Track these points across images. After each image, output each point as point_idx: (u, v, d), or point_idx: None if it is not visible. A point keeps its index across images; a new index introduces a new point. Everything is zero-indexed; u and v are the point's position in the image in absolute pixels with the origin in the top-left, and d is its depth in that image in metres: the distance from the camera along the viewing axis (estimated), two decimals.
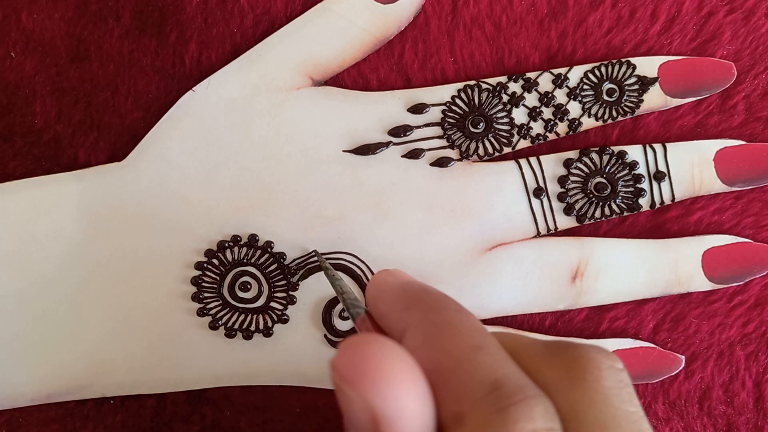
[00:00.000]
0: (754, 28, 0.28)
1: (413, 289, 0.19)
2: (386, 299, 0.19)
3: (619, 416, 0.15)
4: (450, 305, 0.18)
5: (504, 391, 0.15)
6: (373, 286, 0.20)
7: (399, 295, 0.19)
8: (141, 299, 0.26)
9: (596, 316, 0.28)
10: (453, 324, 0.17)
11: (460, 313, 0.17)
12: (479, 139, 0.27)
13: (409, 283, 0.19)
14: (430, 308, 0.18)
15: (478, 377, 0.15)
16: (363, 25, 0.27)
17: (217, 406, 0.28)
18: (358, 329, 0.20)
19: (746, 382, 0.28)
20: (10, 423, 0.27)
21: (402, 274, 0.20)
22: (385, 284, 0.20)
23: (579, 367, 0.16)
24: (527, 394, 0.15)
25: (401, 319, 0.18)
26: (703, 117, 0.28)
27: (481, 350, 0.16)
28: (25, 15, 0.28)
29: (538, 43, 0.28)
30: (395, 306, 0.18)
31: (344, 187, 0.27)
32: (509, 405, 0.15)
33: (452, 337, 0.16)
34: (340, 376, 0.15)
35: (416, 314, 0.17)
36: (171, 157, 0.27)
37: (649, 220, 0.28)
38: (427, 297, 0.18)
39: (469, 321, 0.17)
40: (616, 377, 0.16)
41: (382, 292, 0.19)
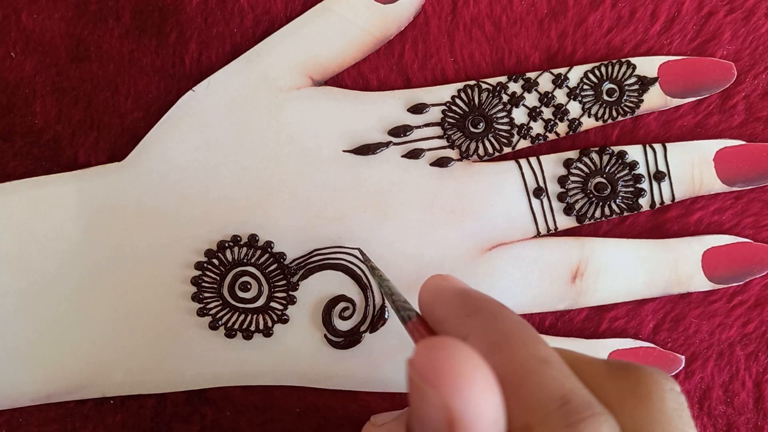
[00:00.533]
0: (754, 28, 0.28)
1: (472, 296, 0.19)
2: (444, 304, 0.19)
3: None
4: (511, 315, 0.18)
5: (572, 407, 0.15)
6: (428, 290, 0.20)
7: (457, 301, 0.19)
8: (141, 299, 0.26)
9: (596, 316, 0.28)
10: (516, 334, 0.17)
11: (522, 323, 0.17)
12: (479, 139, 0.27)
13: (467, 290, 0.19)
14: (492, 316, 0.18)
15: (546, 390, 0.15)
16: (363, 25, 0.27)
17: (217, 406, 0.28)
18: (410, 333, 0.20)
19: (746, 382, 0.28)
20: (10, 423, 0.27)
21: (456, 280, 0.21)
22: (441, 289, 0.20)
23: (644, 387, 0.16)
24: (595, 411, 0.15)
25: (462, 325, 0.18)
26: (703, 117, 0.28)
27: (547, 363, 0.16)
28: (25, 15, 0.28)
29: (538, 43, 0.28)
30: (454, 312, 0.18)
31: (344, 187, 0.27)
32: (579, 421, 0.15)
33: (518, 347, 0.16)
34: (420, 375, 0.15)
35: (478, 322, 0.18)
36: (171, 157, 0.27)
37: (649, 220, 0.28)
38: (487, 305, 0.18)
39: (532, 332, 0.17)
40: (677, 400, 0.17)
41: (439, 296, 0.20)
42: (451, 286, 0.20)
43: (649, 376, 0.17)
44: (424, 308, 0.20)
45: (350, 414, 0.28)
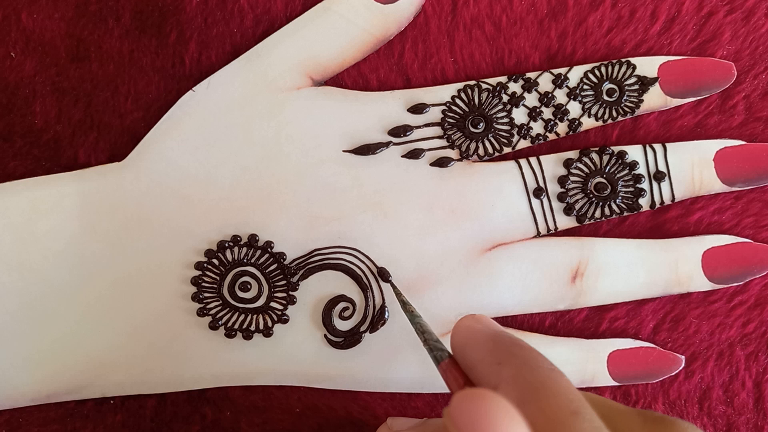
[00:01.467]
0: (754, 28, 0.28)
1: (505, 342, 0.19)
2: (476, 348, 0.19)
3: None
4: (543, 363, 0.18)
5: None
6: (461, 332, 0.20)
7: (490, 346, 0.19)
8: (141, 299, 0.26)
9: (596, 316, 0.28)
10: (548, 384, 0.17)
11: (554, 372, 0.17)
12: (479, 139, 0.27)
13: (499, 335, 0.20)
14: (524, 364, 0.18)
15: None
16: (363, 25, 0.27)
17: (217, 406, 0.28)
18: (441, 374, 0.20)
19: (746, 382, 0.28)
20: (10, 423, 0.27)
21: (489, 322, 0.21)
22: (474, 332, 0.20)
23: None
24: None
25: (493, 372, 0.18)
26: (703, 117, 0.28)
27: (578, 415, 0.16)
28: (25, 15, 0.28)
29: (538, 43, 0.28)
30: (486, 358, 0.19)
31: (344, 187, 0.27)
32: None
33: (549, 398, 0.16)
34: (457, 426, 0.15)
35: (510, 370, 0.18)
36: (171, 157, 0.27)
37: (649, 220, 0.28)
38: (520, 352, 0.18)
39: (563, 381, 0.17)
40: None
41: (471, 339, 0.20)
42: (484, 329, 0.20)
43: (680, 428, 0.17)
44: (457, 351, 0.20)
45: (350, 414, 0.28)
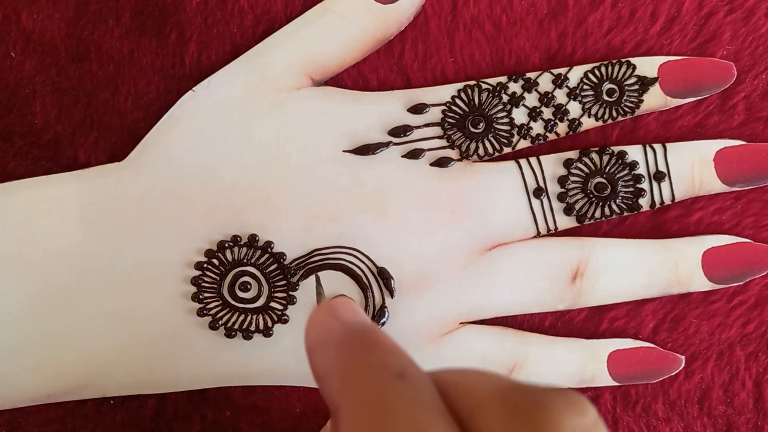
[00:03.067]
0: (754, 28, 0.28)
1: (352, 345, 0.16)
2: (322, 356, 0.17)
3: None
4: (390, 368, 0.15)
5: None
6: (311, 331, 0.17)
7: (335, 353, 0.16)
8: (141, 299, 0.26)
9: (596, 316, 0.28)
10: (389, 403, 0.14)
11: (401, 380, 0.15)
12: (479, 139, 0.27)
13: (347, 335, 0.16)
14: (366, 379, 0.15)
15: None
16: (363, 25, 0.27)
17: (217, 406, 0.28)
18: None
19: (746, 382, 0.28)
20: (10, 423, 0.27)
21: (349, 312, 0.17)
22: (324, 331, 0.17)
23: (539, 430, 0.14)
24: None
25: (337, 392, 0.15)
26: (703, 117, 0.28)
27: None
28: (25, 15, 0.28)
29: (538, 43, 0.28)
30: (331, 372, 0.16)
31: (344, 187, 0.27)
32: None
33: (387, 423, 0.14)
34: None
35: (350, 389, 0.15)
36: (171, 157, 0.27)
37: (649, 220, 0.28)
38: (365, 359, 0.16)
39: (411, 392, 0.14)
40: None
41: (319, 343, 0.17)
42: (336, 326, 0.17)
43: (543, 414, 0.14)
44: (308, 356, 0.17)
45: None
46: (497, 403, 0.14)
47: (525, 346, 0.28)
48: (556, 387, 0.14)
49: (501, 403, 0.14)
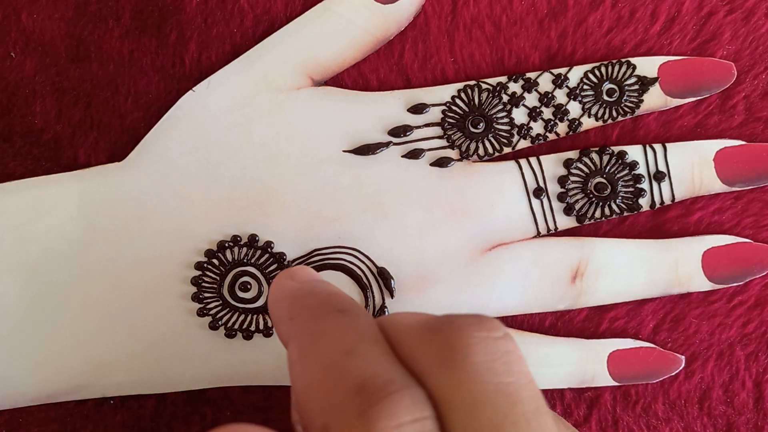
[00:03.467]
0: (754, 28, 0.28)
1: (300, 294, 0.18)
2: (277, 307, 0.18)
3: (491, 391, 0.15)
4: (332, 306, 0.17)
5: (367, 392, 0.14)
6: (270, 293, 0.19)
7: (287, 302, 0.18)
8: (141, 299, 0.26)
9: (596, 316, 0.28)
10: (326, 330, 0.16)
11: (341, 314, 0.17)
12: (479, 139, 0.27)
13: (299, 287, 0.18)
14: (310, 315, 0.17)
15: (344, 384, 0.15)
16: (363, 25, 0.27)
17: (217, 406, 0.28)
18: None
19: (746, 382, 0.28)
20: (10, 423, 0.27)
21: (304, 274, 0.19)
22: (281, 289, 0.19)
23: (448, 346, 0.15)
24: (391, 390, 0.14)
25: (286, 331, 0.17)
26: (703, 117, 0.28)
27: (352, 353, 0.15)
28: (25, 15, 0.28)
29: (538, 43, 0.28)
30: (283, 316, 0.18)
31: (344, 187, 0.27)
32: (371, 405, 0.14)
33: (323, 345, 0.16)
34: None
35: (296, 324, 0.17)
36: (171, 157, 0.27)
37: (649, 220, 0.28)
38: (310, 301, 0.17)
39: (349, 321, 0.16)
40: (488, 349, 0.15)
41: (276, 300, 0.19)
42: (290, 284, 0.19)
43: (455, 331, 0.15)
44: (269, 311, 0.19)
45: None
46: (419, 327, 0.16)
47: (525, 345, 0.28)
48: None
49: (422, 327, 0.16)
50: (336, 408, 0.14)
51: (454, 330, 0.15)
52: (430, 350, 0.15)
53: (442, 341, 0.15)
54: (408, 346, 0.16)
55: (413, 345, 0.16)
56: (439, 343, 0.15)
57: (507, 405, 0.14)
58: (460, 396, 0.15)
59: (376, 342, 0.16)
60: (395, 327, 0.17)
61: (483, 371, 0.15)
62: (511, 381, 0.15)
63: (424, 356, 0.15)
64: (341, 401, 0.14)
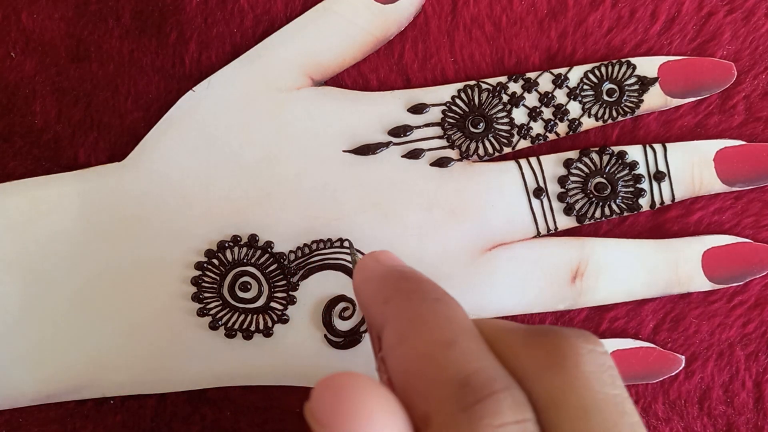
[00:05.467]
0: (754, 28, 0.28)
1: (392, 278, 0.18)
2: (367, 289, 0.19)
3: (601, 399, 0.15)
4: (428, 294, 0.17)
5: (471, 388, 0.15)
6: (357, 273, 0.19)
7: (379, 284, 0.18)
8: (141, 299, 0.26)
9: (596, 316, 0.28)
10: (426, 318, 0.16)
11: (438, 302, 0.17)
12: (479, 139, 0.27)
13: (390, 270, 0.19)
14: (406, 300, 0.17)
15: (446, 375, 0.15)
16: (363, 25, 0.27)
17: (217, 406, 0.28)
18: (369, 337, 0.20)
19: (746, 382, 0.28)
20: (10, 423, 0.27)
21: (388, 258, 0.20)
22: (369, 271, 0.19)
23: (558, 353, 0.16)
24: (495, 388, 0.15)
25: (380, 314, 0.17)
26: (703, 117, 0.28)
27: (453, 345, 0.16)
28: (25, 15, 0.28)
29: (538, 43, 0.28)
30: (376, 297, 0.18)
31: (344, 187, 0.27)
32: (476, 402, 0.14)
33: (423, 333, 0.16)
34: (318, 423, 0.15)
35: (393, 308, 0.17)
36: (171, 157, 0.27)
37: (649, 220, 0.28)
38: (405, 286, 0.18)
39: (446, 311, 0.17)
40: (596, 361, 0.16)
41: (365, 281, 0.19)
42: (378, 267, 0.19)
43: (564, 340, 0.16)
44: (356, 295, 0.19)
45: None
46: (523, 332, 0.17)
47: None
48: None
49: (526, 332, 0.17)
50: (438, 399, 0.15)
51: (563, 339, 0.16)
52: (537, 355, 0.16)
53: (551, 348, 0.16)
54: (509, 348, 0.16)
55: (516, 347, 0.16)
56: (547, 349, 0.16)
57: (616, 414, 0.15)
58: (571, 401, 0.15)
59: (475, 336, 0.16)
60: (492, 327, 0.17)
61: (593, 380, 0.15)
62: (618, 393, 0.16)
63: (530, 360, 0.16)
64: (444, 393, 0.15)
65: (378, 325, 0.17)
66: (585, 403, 0.15)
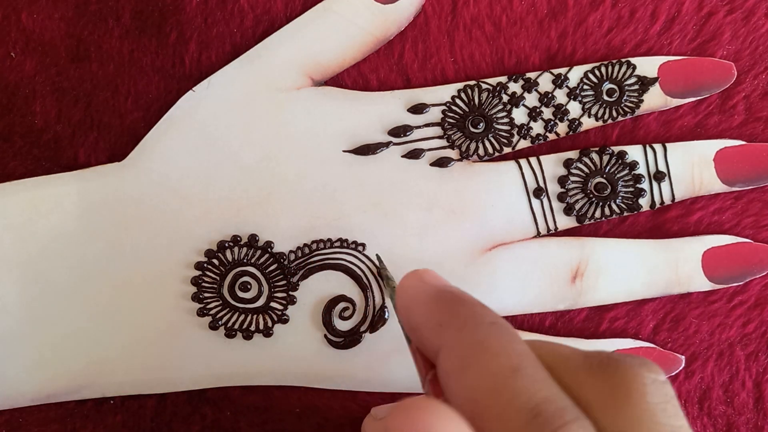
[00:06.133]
0: (754, 28, 0.28)
1: (445, 300, 0.18)
2: (418, 311, 0.18)
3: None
4: (484, 318, 0.17)
5: (544, 418, 0.15)
6: (404, 293, 0.19)
7: (431, 306, 0.18)
8: (141, 299, 0.26)
9: (596, 316, 0.28)
10: (488, 344, 0.16)
11: (494, 326, 0.17)
12: (479, 139, 0.27)
13: (441, 292, 0.19)
14: (464, 325, 0.17)
15: (517, 404, 0.15)
16: (363, 25, 0.27)
17: (217, 406, 0.28)
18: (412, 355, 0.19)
19: (746, 382, 0.28)
20: (10, 423, 0.27)
21: (433, 278, 0.20)
22: (417, 292, 0.19)
23: (624, 385, 0.16)
24: (567, 419, 0.15)
25: (435, 336, 0.17)
26: (703, 117, 0.28)
27: (519, 372, 0.16)
28: (25, 15, 0.28)
29: (538, 43, 0.28)
30: (428, 321, 0.18)
31: (344, 187, 0.27)
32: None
33: (488, 360, 0.16)
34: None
35: (450, 332, 0.17)
36: (171, 157, 0.27)
37: (649, 220, 0.28)
38: (461, 310, 0.18)
39: (505, 335, 0.17)
40: (661, 392, 0.16)
41: (413, 301, 0.19)
42: (426, 287, 0.19)
43: (628, 369, 0.16)
44: (401, 314, 0.19)
45: (350, 414, 0.28)
46: (583, 361, 0.17)
47: None
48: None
49: (587, 361, 0.16)
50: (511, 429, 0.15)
51: (627, 369, 0.16)
52: (602, 386, 0.16)
53: (615, 379, 0.16)
54: (570, 375, 0.16)
55: (578, 376, 0.16)
56: (612, 380, 0.16)
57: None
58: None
59: (536, 362, 0.16)
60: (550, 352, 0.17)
61: (659, 412, 0.16)
62: (681, 425, 0.16)
63: (595, 390, 0.16)
64: (516, 423, 0.15)
65: (431, 348, 0.17)
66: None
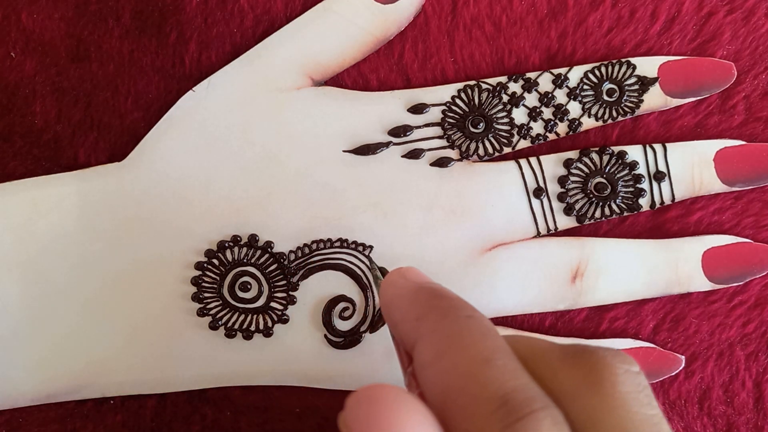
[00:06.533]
0: (754, 28, 0.28)
1: (425, 295, 0.18)
2: (398, 306, 0.19)
3: (639, 420, 0.15)
4: (461, 311, 0.17)
5: (511, 406, 0.15)
6: (386, 290, 0.20)
7: (410, 301, 0.18)
8: (141, 299, 0.26)
9: (596, 316, 0.28)
10: (462, 335, 0.16)
11: (471, 319, 0.17)
12: (479, 139, 0.27)
13: (421, 287, 0.19)
14: (440, 317, 0.17)
15: (486, 393, 0.15)
16: (363, 25, 0.27)
17: (217, 406, 0.28)
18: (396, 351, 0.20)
19: (746, 382, 0.28)
20: (10, 423, 0.27)
21: (415, 274, 0.20)
22: (398, 288, 0.19)
23: (595, 373, 0.16)
24: (534, 407, 0.15)
25: (413, 329, 0.18)
26: (703, 117, 0.28)
27: (490, 363, 0.16)
28: (25, 15, 0.28)
29: (538, 43, 0.28)
30: (407, 315, 0.18)
31: (344, 187, 0.27)
32: (516, 420, 0.14)
33: (460, 350, 0.16)
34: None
35: (427, 324, 0.17)
36: (171, 157, 0.27)
37: (649, 220, 0.28)
38: (438, 303, 0.18)
39: (480, 328, 0.17)
40: (633, 381, 0.16)
41: (395, 297, 0.19)
42: (407, 283, 0.19)
43: (601, 360, 0.16)
44: (384, 311, 0.19)
45: None
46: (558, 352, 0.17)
47: None
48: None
49: (562, 352, 0.17)
50: (478, 417, 0.15)
51: (600, 359, 0.16)
52: (574, 375, 0.16)
53: (588, 368, 0.16)
54: (545, 367, 0.17)
55: (552, 366, 0.17)
56: (584, 369, 0.16)
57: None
58: (609, 421, 0.15)
59: (510, 354, 0.16)
60: (526, 344, 0.17)
61: (631, 400, 0.16)
62: (655, 413, 0.16)
63: (567, 380, 0.16)
64: (484, 411, 0.15)
65: (409, 342, 0.18)
66: (623, 424, 0.15)
